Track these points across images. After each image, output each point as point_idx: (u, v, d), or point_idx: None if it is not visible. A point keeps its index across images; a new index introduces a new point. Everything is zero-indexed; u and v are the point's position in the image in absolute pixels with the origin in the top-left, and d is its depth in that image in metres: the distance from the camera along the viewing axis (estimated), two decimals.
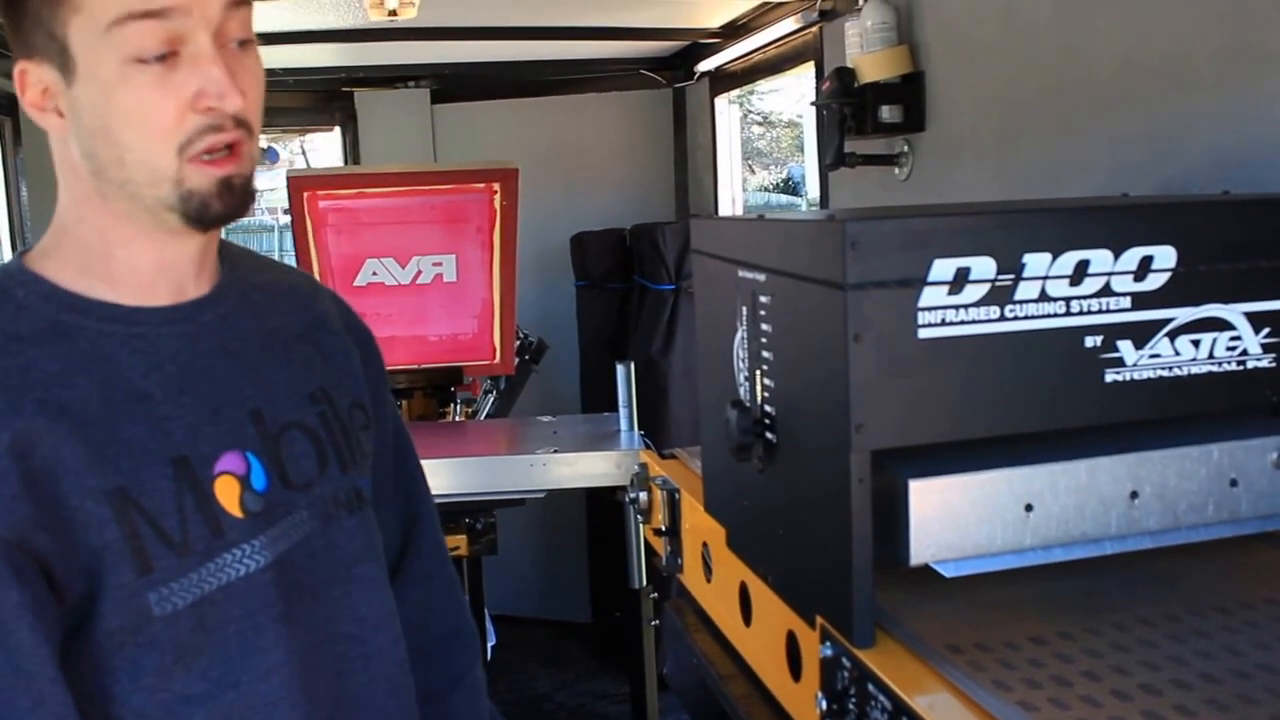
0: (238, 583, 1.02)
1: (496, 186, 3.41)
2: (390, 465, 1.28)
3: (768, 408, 1.22)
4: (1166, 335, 1.10)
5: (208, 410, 1.04)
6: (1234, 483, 1.14)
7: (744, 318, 1.26)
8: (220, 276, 1.12)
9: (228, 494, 1.03)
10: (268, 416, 1.08)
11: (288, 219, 3.58)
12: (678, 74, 4.57)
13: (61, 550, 0.96)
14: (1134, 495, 1.11)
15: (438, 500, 1.37)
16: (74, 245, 1.04)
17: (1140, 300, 1.09)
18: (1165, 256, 1.09)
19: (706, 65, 4.24)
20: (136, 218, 1.02)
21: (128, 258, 1.04)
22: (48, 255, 1.05)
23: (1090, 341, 1.08)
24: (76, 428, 0.97)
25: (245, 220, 1.14)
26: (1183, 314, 1.10)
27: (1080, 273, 1.07)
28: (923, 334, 1.04)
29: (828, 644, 1.09)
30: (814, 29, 3.23)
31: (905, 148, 2.67)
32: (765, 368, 1.22)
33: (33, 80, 1.00)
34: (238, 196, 1.02)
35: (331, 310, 1.23)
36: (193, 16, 0.96)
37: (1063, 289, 1.07)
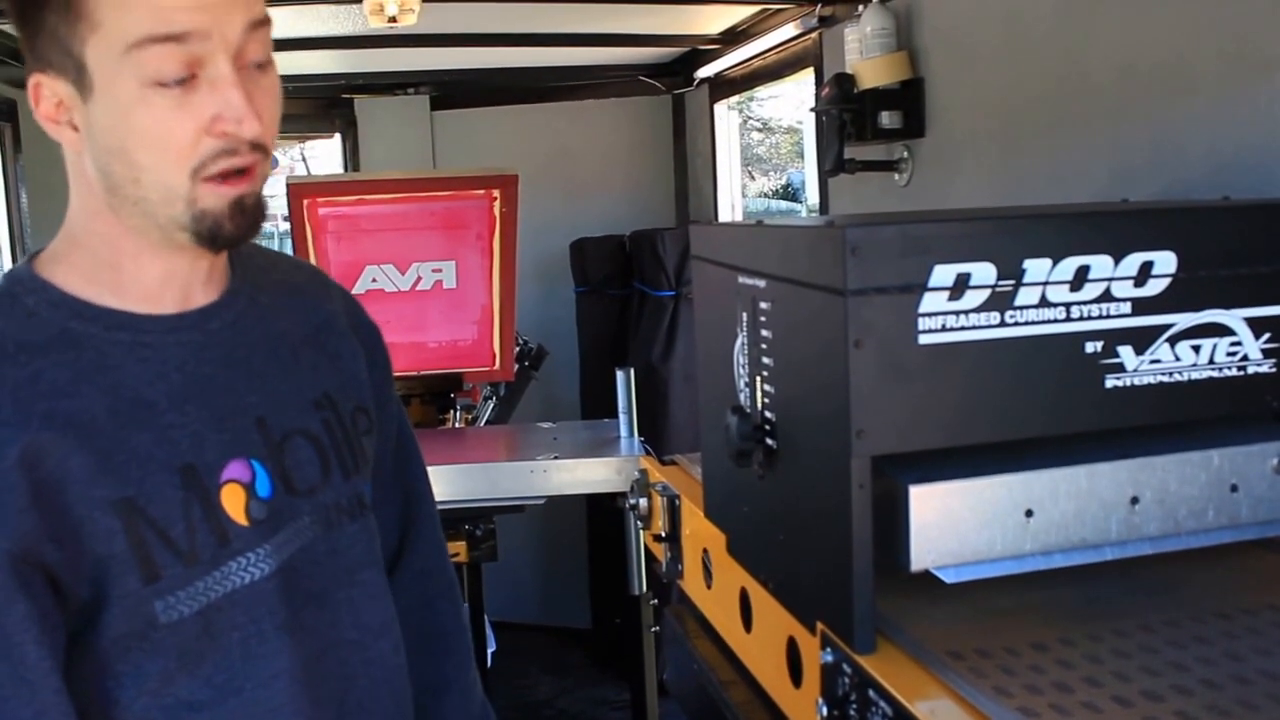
0: (243, 590, 1.02)
1: (496, 193, 3.41)
2: (391, 463, 1.28)
3: (768, 413, 1.22)
4: (1167, 341, 1.10)
5: (213, 418, 1.04)
6: (1234, 488, 1.14)
7: (744, 324, 1.26)
8: (229, 281, 1.11)
9: (233, 502, 1.03)
10: (271, 423, 1.08)
11: (287, 226, 3.58)
12: (677, 80, 4.58)
13: (68, 560, 0.96)
14: (1134, 501, 1.11)
15: (437, 506, 1.37)
16: (83, 253, 1.04)
17: (1141, 306, 1.09)
18: (1165, 262, 1.09)
19: (706, 71, 4.24)
20: (148, 233, 1.02)
21: (136, 269, 1.04)
22: (57, 260, 1.05)
23: (1091, 347, 1.08)
24: (84, 439, 0.96)
25: None
26: (1183, 319, 1.10)
27: (1080, 278, 1.07)
28: (923, 340, 1.04)
29: (828, 650, 1.09)
30: (813, 35, 3.24)
31: (905, 153, 2.67)
32: (765, 373, 1.22)
33: (47, 94, 0.98)
34: (249, 216, 1.01)
35: (339, 310, 1.23)
36: (212, 40, 0.94)
37: (1063, 294, 1.07)
